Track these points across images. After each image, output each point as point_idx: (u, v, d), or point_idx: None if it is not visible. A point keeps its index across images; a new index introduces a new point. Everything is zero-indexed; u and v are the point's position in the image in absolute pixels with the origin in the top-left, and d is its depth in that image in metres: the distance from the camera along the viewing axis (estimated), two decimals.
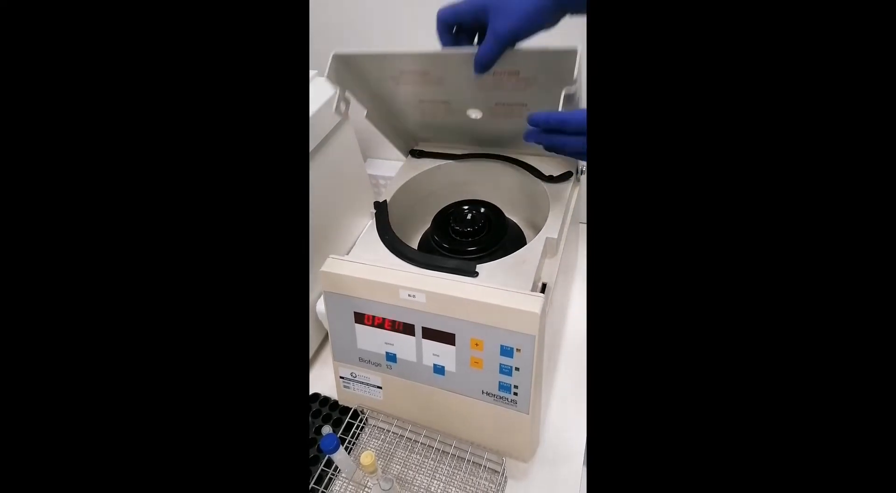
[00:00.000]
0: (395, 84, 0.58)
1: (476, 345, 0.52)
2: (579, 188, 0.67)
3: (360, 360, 0.60)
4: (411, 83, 0.56)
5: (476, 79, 0.49)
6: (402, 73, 0.55)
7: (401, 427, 0.61)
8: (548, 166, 0.65)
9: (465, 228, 0.61)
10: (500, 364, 0.52)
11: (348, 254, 0.58)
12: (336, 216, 0.77)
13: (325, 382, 0.70)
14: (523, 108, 0.56)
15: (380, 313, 0.55)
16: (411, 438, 0.61)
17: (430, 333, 0.54)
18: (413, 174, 0.68)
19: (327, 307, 0.59)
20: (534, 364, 0.50)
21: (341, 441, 0.54)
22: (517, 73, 0.50)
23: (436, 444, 0.59)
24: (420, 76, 0.55)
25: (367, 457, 0.50)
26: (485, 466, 0.57)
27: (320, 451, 0.61)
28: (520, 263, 0.54)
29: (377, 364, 0.59)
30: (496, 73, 0.48)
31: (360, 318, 0.57)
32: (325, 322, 0.70)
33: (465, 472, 0.57)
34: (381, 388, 0.61)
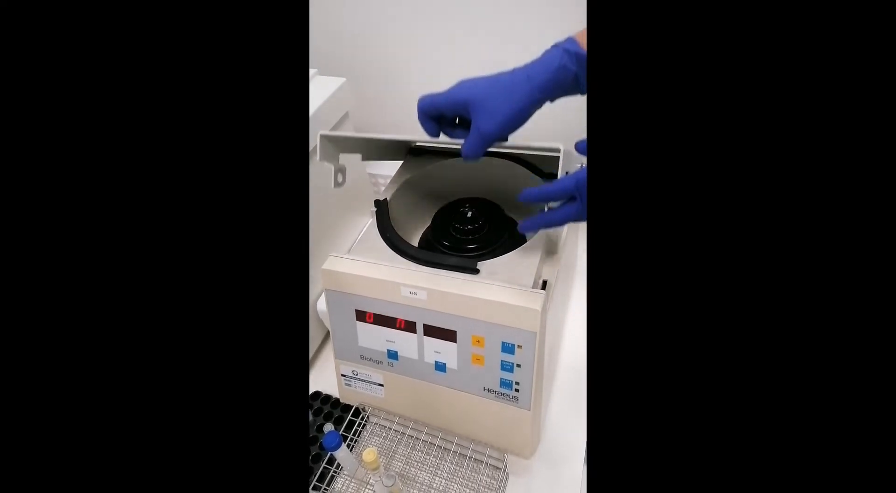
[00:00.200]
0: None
1: (477, 342, 0.52)
2: None
3: (362, 358, 0.60)
4: None
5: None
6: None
7: (402, 425, 0.61)
8: (548, 164, 0.65)
9: (466, 225, 0.61)
10: (501, 361, 0.52)
11: (349, 252, 0.58)
12: (336, 215, 0.77)
13: (327, 380, 0.70)
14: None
15: (381, 311, 0.55)
16: (413, 435, 0.61)
17: (431, 330, 0.54)
18: (413, 172, 0.68)
19: (328, 305, 0.59)
20: (535, 361, 0.50)
21: (343, 439, 0.54)
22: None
23: (437, 441, 0.59)
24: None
25: (369, 454, 0.50)
26: (486, 463, 0.57)
27: (322, 449, 0.61)
28: (520, 260, 0.54)
29: (378, 362, 0.59)
30: None
31: (361, 315, 0.57)
32: (326, 321, 0.70)
33: (466, 469, 0.57)
34: (382, 386, 0.61)
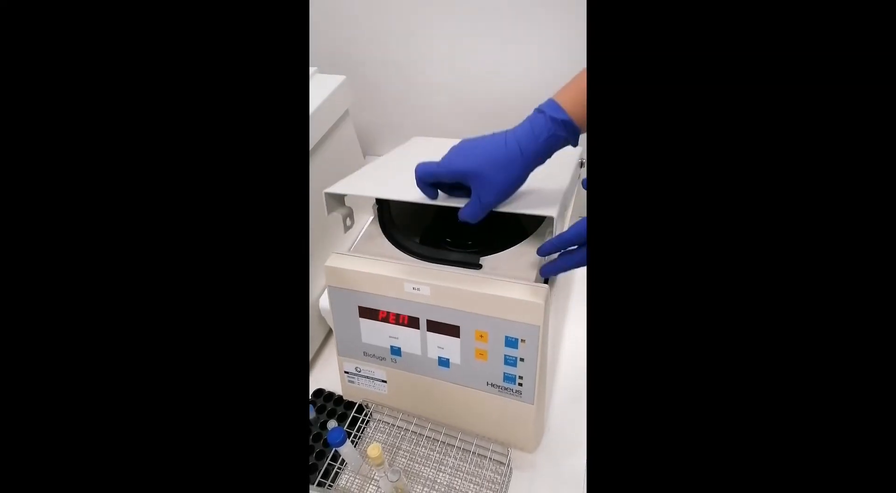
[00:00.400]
0: None
1: (481, 337, 0.52)
2: (580, 182, 0.67)
3: (365, 354, 0.60)
4: None
5: None
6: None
7: (406, 421, 0.61)
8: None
9: None
10: (504, 355, 0.52)
11: (351, 249, 0.59)
12: None
13: (330, 377, 0.70)
14: None
15: (384, 307, 0.56)
16: (416, 431, 0.61)
17: (434, 325, 0.54)
18: None
19: (331, 302, 0.59)
20: (538, 354, 0.50)
21: (347, 435, 0.54)
22: None
23: (441, 437, 0.59)
24: None
25: (374, 449, 0.50)
26: (490, 458, 0.58)
27: (326, 445, 0.61)
28: (522, 255, 0.54)
29: (382, 358, 0.59)
30: None
31: (364, 312, 0.57)
32: (329, 318, 0.70)
33: (470, 464, 0.57)
34: (385, 382, 0.61)
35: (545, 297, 0.48)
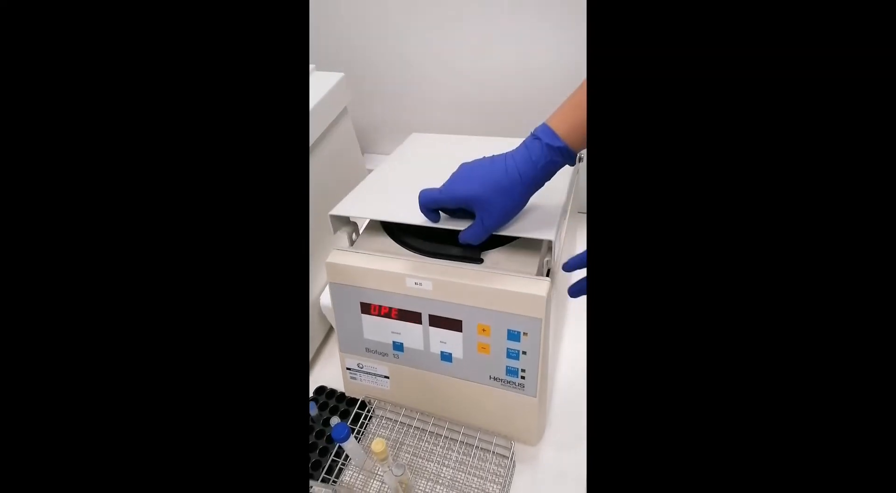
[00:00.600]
0: None
1: (483, 331, 0.52)
2: (579, 177, 0.68)
3: (367, 350, 0.60)
4: None
5: None
6: None
7: (409, 416, 0.62)
8: None
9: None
10: (507, 349, 0.52)
11: (352, 246, 0.59)
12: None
13: (332, 375, 0.70)
14: None
15: (386, 303, 0.56)
16: (419, 426, 0.61)
17: (436, 320, 0.54)
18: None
19: (333, 299, 0.59)
20: (541, 347, 0.51)
21: (350, 431, 0.54)
22: None
23: (444, 431, 0.59)
24: None
25: (378, 444, 0.50)
26: (493, 451, 0.58)
27: (330, 442, 0.61)
28: (523, 249, 0.54)
29: (384, 354, 0.60)
30: None
31: (366, 308, 0.57)
32: (330, 315, 0.70)
33: (474, 457, 0.58)
34: (388, 378, 0.61)
35: (547, 290, 0.49)
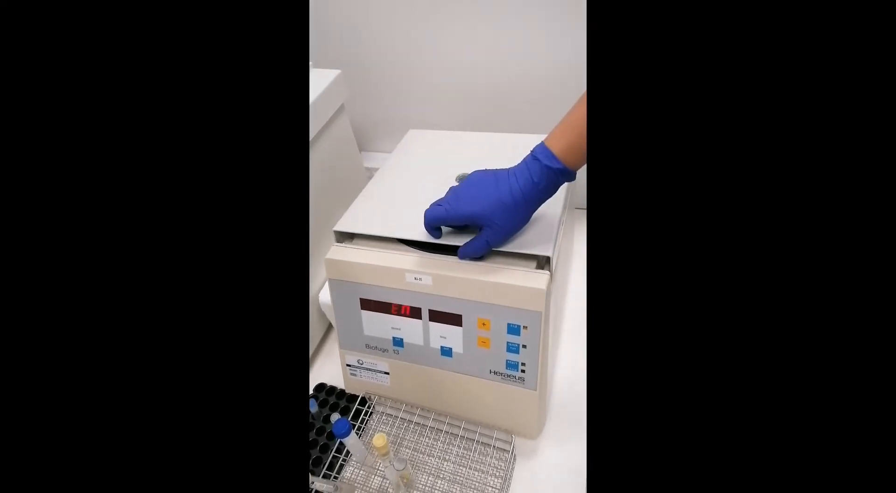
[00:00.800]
0: None
1: (483, 325, 0.53)
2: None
3: (367, 347, 0.61)
4: None
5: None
6: None
7: (409, 412, 0.62)
8: None
9: None
10: (507, 342, 0.53)
11: (351, 242, 0.59)
12: (334, 207, 0.77)
13: (332, 372, 0.70)
14: None
15: (386, 298, 0.56)
16: (420, 422, 0.61)
17: (436, 315, 0.54)
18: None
19: (332, 295, 0.59)
20: (540, 341, 0.51)
21: (351, 426, 0.54)
22: None
23: (444, 427, 0.60)
24: None
25: (379, 439, 0.50)
26: (494, 446, 0.58)
27: (330, 438, 0.61)
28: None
29: (384, 350, 0.60)
30: None
31: (366, 304, 0.57)
32: (329, 312, 0.70)
33: (474, 452, 0.58)
34: (388, 374, 0.61)
35: (546, 283, 0.49)
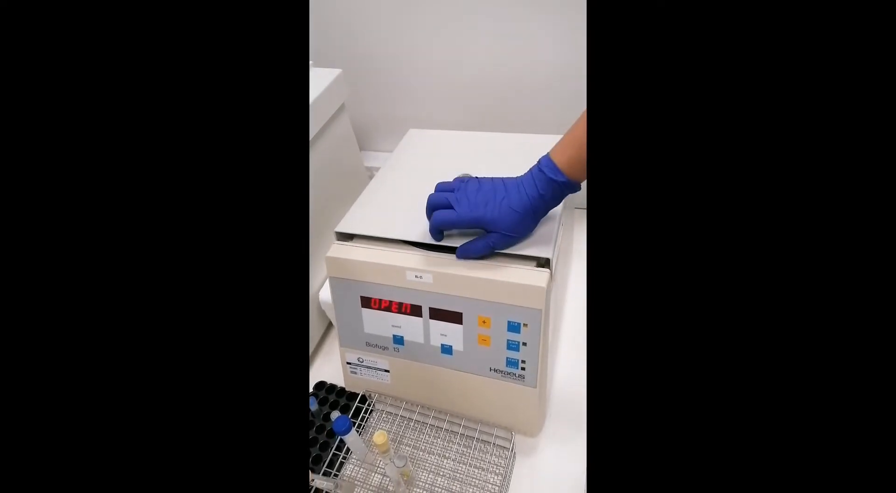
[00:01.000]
0: None
1: (483, 322, 0.53)
2: None
3: (367, 344, 0.61)
4: None
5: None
6: None
7: (409, 410, 0.62)
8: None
9: None
10: (507, 340, 0.53)
11: (352, 240, 0.59)
12: (334, 205, 0.77)
13: (331, 371, 0.71)
14: None
15: (386, 296, 0.56)
16: (420, 420, 0.61)
17: (437, 313, 0.55)
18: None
19: (333, 293, 0.60)
20: (541, 338, 0.51)
21: (352, 424, 0.54)
22: None
23: (445, 424, 0.60)
24: None
25: (380, 436, 0.50)
26: (494, 443, 0.58)
27: (330, 436, 0.61)
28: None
29: (384, 348, 0.60)
30: None
31: (366, 302, 0.58)
32: (330, 310, 0.70)
33: (474, 449, 0.58)
34: (388, 371, 0.62)
35: (547, 280, 0.49)
